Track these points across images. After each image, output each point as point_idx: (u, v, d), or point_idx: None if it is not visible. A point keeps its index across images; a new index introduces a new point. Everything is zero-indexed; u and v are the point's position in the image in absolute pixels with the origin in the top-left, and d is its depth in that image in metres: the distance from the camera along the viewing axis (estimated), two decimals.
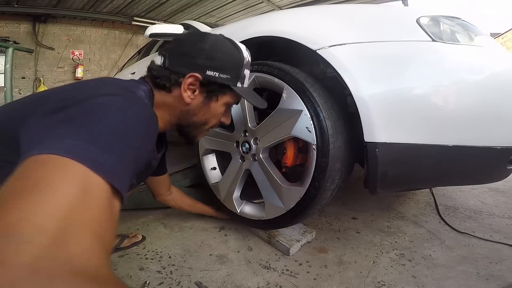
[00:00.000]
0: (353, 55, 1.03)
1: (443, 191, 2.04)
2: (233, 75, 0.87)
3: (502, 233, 1.45)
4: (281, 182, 1.18)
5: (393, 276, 1.11)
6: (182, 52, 0.84)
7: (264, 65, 1.25)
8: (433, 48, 1.02)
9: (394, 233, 1.44)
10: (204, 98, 0.87)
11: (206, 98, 0.87)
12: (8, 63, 3.42)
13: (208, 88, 0.85)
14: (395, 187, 1.14)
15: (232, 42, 0.89)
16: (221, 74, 0.84)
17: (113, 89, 0.63)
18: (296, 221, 1.23)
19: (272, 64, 1.23)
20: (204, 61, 0.82)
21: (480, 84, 1.01)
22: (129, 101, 0.61)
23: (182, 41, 0.87)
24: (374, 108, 0.97)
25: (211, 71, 0.83)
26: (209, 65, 0.83)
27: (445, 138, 0.99)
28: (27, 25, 7.06)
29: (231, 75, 0.86)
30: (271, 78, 1.21)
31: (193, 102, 0.86)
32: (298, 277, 1.11)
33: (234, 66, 0.87)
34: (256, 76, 1.27)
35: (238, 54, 0.87)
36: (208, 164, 1.56)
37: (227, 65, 0.86)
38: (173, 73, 0.83)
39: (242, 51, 0.89)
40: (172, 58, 0.85)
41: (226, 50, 0.86)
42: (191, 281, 1.07)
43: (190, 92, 0.84)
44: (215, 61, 0.83)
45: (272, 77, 1.20)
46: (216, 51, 0.84)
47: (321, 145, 1.06)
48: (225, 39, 0.88)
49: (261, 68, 1.25)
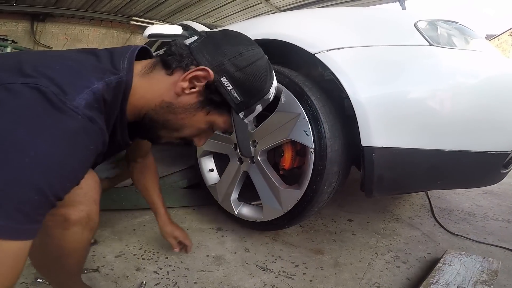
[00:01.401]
0: (351, 59, 1.05)
1: (438, 193, 2.06)
2: (245, 100, 0.74)
3: (495, 235, 1.47)
4: (279, 185, 1.20)
5: (388, 278, 1.12)
6: (219, 44, 0.73)
7: None
8: (430, 53, 1.04)
9: (389, 235, 1.45)
10: (198, 102, 0.73)
11: (198, 103, 0.74)
12: None
13: (210, 95, 0.73)
14: (391, 190, 1.15)
15: (270, 71, 0.78)
16: (234, 91, 0.72)
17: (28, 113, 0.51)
18: (294, 223, 1.24)
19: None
20: (229, 66, 0.70)
21: (475, 89, 1.03)
22: (35, 133, 0.50)
23: (228, 35, 0.76)
24: (372, 113, 0.99)
25: (227, 80, 0.71)
26: (231, 73, 0.71)
27: (440, 143, 1.00)
28: (25, 24, 7.03)
29: (243, 99, 0.74)
30: None
31: (182, 97, 0.72)
32: (294, 278, 1.12)
33: (251, 93, 0.75)
34: None
35: (265, 85, 0.76)
36: (206, 165, 1.57)
37: (247, 87, 0.73)
38: (190, 57, 0.71)
39: (271, 85, 0.78)
40: (204, 43, 0.73)
41: (259, 71, 0.74)
42: (188, 282, 1.08)
43: (189, 84, 0.71)
44: (240, 74, 0.71)
45: None
46: (249, 65, 0.72)
47: (319, 149, 1.07)
48: (267, 62, 0.77)
49: None
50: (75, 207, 0.67)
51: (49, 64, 0.60)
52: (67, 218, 0.67)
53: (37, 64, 0.58)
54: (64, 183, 0.54)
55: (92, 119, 0.58)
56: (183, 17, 7.85)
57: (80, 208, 0.68)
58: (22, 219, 0.48)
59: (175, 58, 0.70)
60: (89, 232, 0.73)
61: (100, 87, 0.61)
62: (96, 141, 0.60)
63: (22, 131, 0.49)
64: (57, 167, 0.51)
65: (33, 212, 0.49)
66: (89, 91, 0.59)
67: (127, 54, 0.70)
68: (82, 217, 0.69)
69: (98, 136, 0.61)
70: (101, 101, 0.62)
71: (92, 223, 0.72)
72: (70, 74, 0.60)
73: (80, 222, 0.69)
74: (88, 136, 0.58)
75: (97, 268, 1.12)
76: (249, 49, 0.73)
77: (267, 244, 1.34)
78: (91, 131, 0.58)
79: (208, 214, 1.61)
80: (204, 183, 1.57)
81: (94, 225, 0.73)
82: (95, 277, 1.08)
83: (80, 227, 0.70)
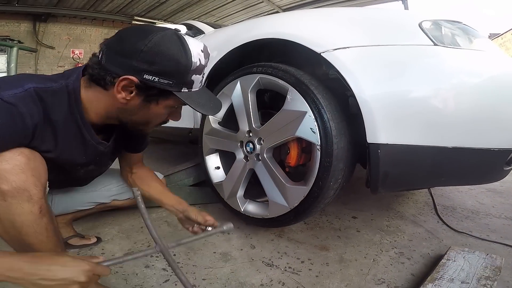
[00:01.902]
0: (357, 58, 1.06)
1: (441, 191, 2.08)
2: (177, 80, 0.80)
3: (498, 232, 1.48)
4: (285, 182, 1.21)
5: (392, 274, 1.14)
6: (119, 50, 0.78)
7: (269, 67, 1.27)
8: (434, 52, 1.05)
9: (393, 232, 1.47)
10: (142, 101, 0.82)
11: (144, 101, 0.83)
12: (13, 62, 3.43)
13: (147, 92, 0.80)
14: (396, 187, 1.17)
15: (181, 43, 0.79)
16: (162, 79, 0.78)
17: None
18: (300, 219, 1.26)
19: (277, 66, 1.25)
20: (141, 64, 0.76)
21: (479, 88, 1.04)
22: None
23: (123, 37, 0.79)
24: (377, 110, 1.00)
25: (149, 75, 0.77)
26: (146, 69, 0.76)
27: (444, 140, 1.02)
28: (27, 24, 7.06)
29: (174, 80, 0.79)
30: (275, 80, 1.23)
31: (129, 103, 0.82)
32: (300, 274, 1.13)
33: (178, 72, 0.79)
34: (260, 78, 1.29)
35: (185, 59, 0.79)
36: (212, 163, 1.59)
37: (169, 70, 0.78)
38: (108, 72, 0.77)
39: (191, 54, 0.80)
40: (108, 56, 0.78)
41: (170, 53, 0.77)
42: (196, 278, 1.10)
43: (125, 93, 0.79)
44: (155, 65, 0.76)
45: (277, 79, 1.23)
46: (157, 54, 0.76)
47: (325, 146, 1.09)
48: (173, 39, 0.79)
49: (265, 69, 1.27)
50: (5, 179, 0.71)
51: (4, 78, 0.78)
52: (0, 190, 0.71)
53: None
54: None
55: (14, 104, 0.70)
56: (185, 17, 7.87)
57: (10, 180, 0.71)
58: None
59: (99, 78, 0.79)
60: (29, 203, 0.75)
61: (33, 87, 0.75)
62: (8, 119, 0.70)
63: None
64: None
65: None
66: (21, 89, 0.73)
67: (77, 70, 0.85)
68: (14, 188, 0.72)
69: (13, 116, 0.71)
70: (34, 97, 0.75)
71: (27, 193, 0.74)
72: (13, 81, 0.75)
73: (13, 192, 0.72)
74: (2, 114, 0.69)
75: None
76: (147, 39, 0.76)
77: (273, 241, 1.36)
78: (6, 112, 0.69)
79: (214, 212, 1.62)
80: (210, 181, 1.58)
81: (34, 197, 0.75)
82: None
83: (16, 198, 0.73)
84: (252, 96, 1.34)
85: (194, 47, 0.81)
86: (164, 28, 0.81)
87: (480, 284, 0.99)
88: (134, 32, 0.80)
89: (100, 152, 0.99)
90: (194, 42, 0.83)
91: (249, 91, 1.33)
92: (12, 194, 0.72)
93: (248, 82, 1.34)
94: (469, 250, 1.20)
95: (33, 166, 0.76)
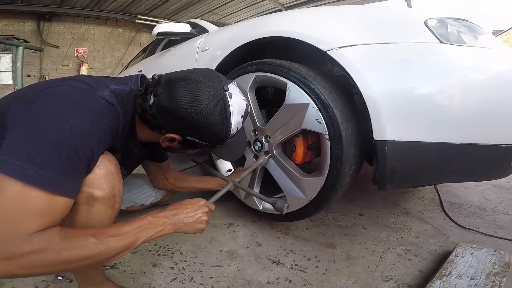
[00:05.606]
0: (363, 56, 1.05)
1: (448, 187, 2.07)
2: (214, 144, 0.93)
3: (506, 229, 1.47)
4: (299, 175, 1.22)
5: (400, 271, 1.14)
6: (169, 110, 0.82)
7: (263, 64, 1.27)
8: (440, 50, 1.04)
9: (400, 229, 1.46)
10: (181, 147, 0.95)
11: (183, 148, 0.96)
12: (19, 62, 3.45)
13: (186, 145, 0.93)
14: (403, 183, 1.16)
15: (225, 117, 0.85)
16: (201, 142, 0.89)
17: (68, 98, 0.72)
18: (320, 209, 1.26)
19: (271, 62, 1.25)
20: (186, 130, 0.86)
21: (486, 84, 1.03)
22: (73, 110, 0.69)
23: (174, 96, 0.82)
24: (384, 107, 1.00)
25: (191, 137, 0.88)
26: (190, 134, 0.87)
27: (451, 136, 1.01)
28: (31, 23, 7.11)
29: (210, 143, 0.91)
30: (271, 76, 1.24)
31: (170, 146, 0.94)
32: (307, 271, 1.13)
33: (215, 141, 0.91)
34: (256, 76, 1.29)
35: (224, 133, 0.88)
36: (223, 167, 1.60)
37: (208, 138, 0.89)
38: (156, 124, 0.87)
39: (231, 127, 0.88)
40: (158, 109, 0.84)
41: (212, 129, 0.85)
42: (203, 276, 1.10)
43: (168, 142, 0.91)
44: (198, 134, 0.87)
45: (273, 75, 1.23)
46: (202, 128, 0.84)
47: (333, 134, 1.09)
48: (219, 113, 0.84)
49: (260, 67, 1.28)
50: (99, 185, 0.75)
51: (77, 77, 0.82)
52: (91, 194, 0.74)
53: (68, 78, 0.81)
54: (92, 145, 0.70)
55: (113, 104, 0.79)
56: (188, 15, 7.88)
57: (103, 186, 0.76)
58: (63, 173, 0.63)
59: (148, 123, 0.88)
60: (112, 210, 0.80)
61: (117, 88, 0.85)
62: (114, 119, 0.80)
63: (64, 109, 0.68)
64: (87, 133, 0.69)
65: (72, 169, 0.66)
66: (108, 90, 0.81)
67: (134, 76, 0.95)
68: (106, 194, 0.76)
69: (116, 117, 0.81)
70: (119, 97, 0.84)
71: (113, 201, 0.79)
72: (94, 82, 0.81)
73: (103, 198, 0.76)
74: (109, 115, 0.78)
75: (114, 265, 1.15)
76: (194, 115, 0.82)
77: (279, 239, 1.36)
78: (111, 112, 0.79)
79: (219, 210, 1.63)
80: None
81: (116, 204, 0.82)
82: (113, 273, 1.11)
83: (104, 205, 0.77)
84: (252, 95, 1.34)
85: (235, 116, 0.88)
86: (213, 94, 0.83)
87: (489, 280, 0.99)
88: (186, 93, 0.82)
89: (133, 155, 1.04)
90: (237, 109, 0.88)
91: (248, 91, 1.33)
92: (103, 200, 0.77)
93: (245, 81, 1.34)
94: (477, 247, 1.19)
95: (118, 172, 0.82)
